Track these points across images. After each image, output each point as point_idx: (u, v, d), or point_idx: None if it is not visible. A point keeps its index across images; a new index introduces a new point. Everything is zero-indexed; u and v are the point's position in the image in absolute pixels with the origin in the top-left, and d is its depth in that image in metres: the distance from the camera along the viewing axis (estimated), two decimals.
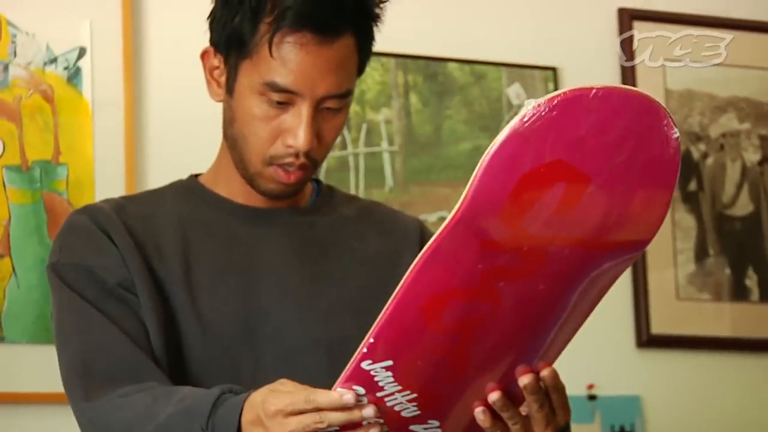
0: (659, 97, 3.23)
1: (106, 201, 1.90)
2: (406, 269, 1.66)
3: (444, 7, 3.20)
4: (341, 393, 1.52)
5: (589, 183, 1.46)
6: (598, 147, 1.45)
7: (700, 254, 3.23)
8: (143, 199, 1.95)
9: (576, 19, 3.34)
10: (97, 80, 2.86)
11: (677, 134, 1.45)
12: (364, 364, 1.53)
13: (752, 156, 3.33)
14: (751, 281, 3.26)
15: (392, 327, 1.52)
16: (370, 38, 1.83)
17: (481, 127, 3.20)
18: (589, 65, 3.32)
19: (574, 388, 3.03)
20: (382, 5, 1.84)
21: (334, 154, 3.07)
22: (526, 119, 1.41)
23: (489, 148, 1.43)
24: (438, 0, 3.19)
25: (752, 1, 3.53)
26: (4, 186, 2.76)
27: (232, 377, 1.75)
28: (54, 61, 2.84)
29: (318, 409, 1.51)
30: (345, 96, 1.81)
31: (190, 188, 1.91)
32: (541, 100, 1.41)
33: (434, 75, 3.19)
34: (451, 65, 3.20)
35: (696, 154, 3.31)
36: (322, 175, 2.95)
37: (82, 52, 2.86)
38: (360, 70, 1.84)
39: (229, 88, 1.81)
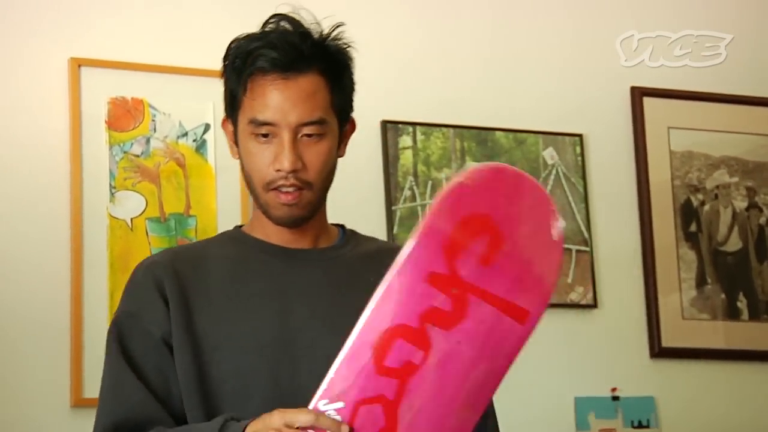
0: (665, 157, 3.26)
1: (165, 252, 1.89)
2: None
3: (491, 87, 3.17)
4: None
5: (503, 244, 1.51)
6: (511, 214, 1.52)
7: (700, 282, 3.23)
8: (196, 246, 1.95)
9: (597, 95, 3.29)
10: (218, 150, 2.87)
11: (561, 226, 1.54)
12: (321, 404, 1.52)
13: (740, 203, 3.32)
14: (742, 304, 3.26)
15: (348, 364, 1.51)
16: (339, 75, 1.80)
17: None
18: (607, 132, 3.28)
19: (600, 391, 3.16)
20: (344, 49, 1.81)
21: (406, 205, 3.04)
22: (472, 174, 1.50)
23: (441, 191, 1.50)
24: (486, 81, 3.17)
25: (742, 79, 3.40)
26: (147, 234, 2.79)
27: (274, 385, 1.74)
28: (185, 135, 2.87)
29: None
30: (319, 123, 1.76)
31: (233, 236, 1.89)
32: (481, 165, 1.52)
33: (484, 141, 3.15)
34: (498, 133, 3.18)
35: (695, 202, 3.30)
36: (396, 224, 2.97)
37: (207, 127, 2.88)
38: (338, 103, 1.80)
39: (236, 140, 1.81)
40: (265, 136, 1.75)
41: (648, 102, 3.29)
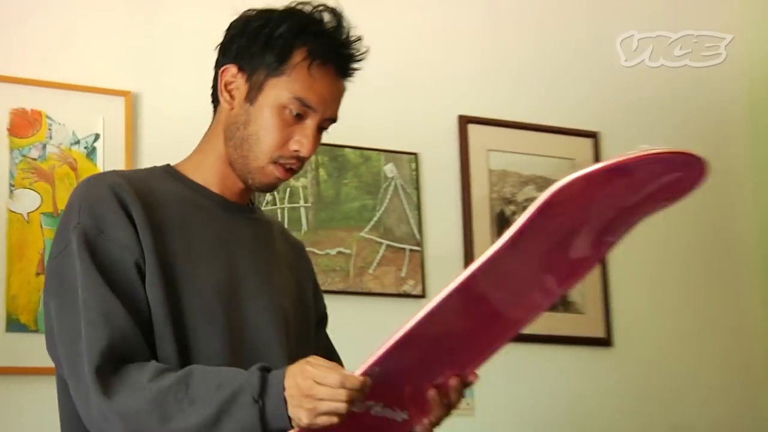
0: (485, 175, 3.36)
1: (114, 174, 1.73)
2: (306, 280, 1.84)
3: (342, 108, 3.04)
4: (365, 379, 1.43)
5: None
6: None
7: None
8: (140, 175, 1.77)
9: (430, 119, 3.37)
10: (107, 156, 2.93)
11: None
12: (369, 370, 1.42)
13: None
14: None
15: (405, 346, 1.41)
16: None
17: (366, 192, 3.26)
18: (438, 152, 3.34)
19: None
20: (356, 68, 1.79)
21: (266, 208, 3.04)
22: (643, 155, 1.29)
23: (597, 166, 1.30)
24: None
25: (552, 111, 3.44)
26: (41, 226, 2.83)
27: (225, 327, 1.67)
28: (77, 142, 2.92)
29: (343, 387, 1.43)
30: (336, 121, 1.78)
31: (172, 174, 1.78)
32: (650, 148, 1.30)
33: (336, 156, 3.22)
34: (347, 150, 3.24)
35: (508, 213, 3.39)
36: None
37: (97, 137, 2.93)
38: None
39: (251, 98, 1.73)
40: (298, 116, 1.71)
41: (472, 128, 3.41)
